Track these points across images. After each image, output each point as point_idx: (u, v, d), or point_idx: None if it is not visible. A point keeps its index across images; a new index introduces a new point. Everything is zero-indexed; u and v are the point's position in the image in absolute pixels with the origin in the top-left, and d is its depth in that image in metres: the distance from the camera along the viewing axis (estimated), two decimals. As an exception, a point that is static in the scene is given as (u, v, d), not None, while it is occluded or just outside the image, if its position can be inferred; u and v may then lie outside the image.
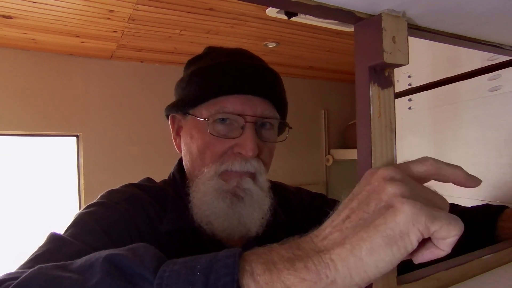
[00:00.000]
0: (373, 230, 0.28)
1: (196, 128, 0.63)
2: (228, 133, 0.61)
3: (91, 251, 0.36)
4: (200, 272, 0.29)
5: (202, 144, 0.61)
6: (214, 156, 0.61)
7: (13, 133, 2.30)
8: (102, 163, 2.43)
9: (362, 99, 0.41)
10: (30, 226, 2.32)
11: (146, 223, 0.58)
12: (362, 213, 0.30)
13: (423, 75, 1.22)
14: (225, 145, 0.60)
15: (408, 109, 1.29)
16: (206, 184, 0.60)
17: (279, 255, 0.31)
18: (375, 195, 0.31)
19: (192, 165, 0.65)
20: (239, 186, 0.60)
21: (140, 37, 2.09)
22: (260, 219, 0.61)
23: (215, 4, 1.69)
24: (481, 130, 1.02)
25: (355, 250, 0.28)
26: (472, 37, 0.52)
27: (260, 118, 0.62)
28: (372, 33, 0.40)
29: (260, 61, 0.68)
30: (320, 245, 0.31)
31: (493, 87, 0.98)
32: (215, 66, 0.62)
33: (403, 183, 0.31)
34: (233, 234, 0.60)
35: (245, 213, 0.60)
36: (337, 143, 3.41)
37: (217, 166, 0.60)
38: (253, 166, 0.61)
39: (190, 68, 0.67)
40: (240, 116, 0.59)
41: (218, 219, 0.59)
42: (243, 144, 0.59)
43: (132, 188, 0.63)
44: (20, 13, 1.71)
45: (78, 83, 2.40)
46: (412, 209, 0.28)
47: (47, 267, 0.33)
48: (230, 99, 0.60)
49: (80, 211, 0.56)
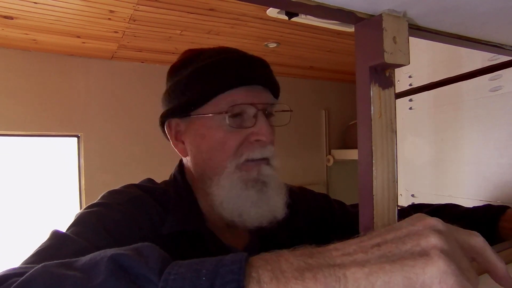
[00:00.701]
0: (398, 267, 0.28)
1: (206, 126, 0.63)
2: (242, 124, 0.62)
3: (94, 249, 0.36)
4: (206, 276, 0.29)
5: (218, 140, 0.62)
6: (232, 149, 0.62)
7: (14, 134, 2.31)
8: (103, 164, 2.43)
9: (363, 99, 0.41)
10: (31, 226, 2.33)
11: (148, 225, 0.57)
12: (395, 248, 0.30)
13: (424, 75, 1.22)
14: (241, 136, 0.62)
15: (409, 109, 1.28)
16: (230, 178, 0.61)
17: (288, 262, 0.30)
18: (415, 237, 0.30)
19: (205, 165, 0.64)
20: (261, 173, 0.62)
21: (141, 37, 2.09)
22: (283, 203, 0.64)
23: (215, 4, 1.69)
24: (482, 130, 1.02)
25: (372, 277, 0.28)
26: (473, 37, 0.52)
27: (267, 106, 0.64)
28: (372, 33, 0.40)
29: (249, 53, 0.69)
30: (338, 259, 0.30)
31: (494, 87, 0.98)
32: (213, 63, 0.63)
33: (448, 241, 0.30)
34: (263, 221, 0.61)
35: (272, 197, 0.62)
36: (338, 143, 3.41)
37: (237, 158, 0.61)
38: (271, 151, 0.63)
39: (182, 72, 0.66)
40: (252, 105, 0.62)
41: (250, 209, 0.60)
42: (261, 131, 0.61)
43: (133, 189, 0.63)
44: (21, 13, 1.71)
45: (79, 83, 2.40)
46: (445, 267, 0.28)
47: (51, 265, 0.33)
48: (239, 91, 0.62)
49: (82, 211, 0.56)
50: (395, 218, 0.41)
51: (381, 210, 0.40)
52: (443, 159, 1.15)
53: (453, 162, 1.11)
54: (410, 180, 1.29)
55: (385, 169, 0.41)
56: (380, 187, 0.40)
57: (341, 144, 3.40)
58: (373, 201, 0.40)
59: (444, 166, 1.14)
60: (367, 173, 0.40)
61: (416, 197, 1.26)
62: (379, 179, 0.40)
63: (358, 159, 0.42)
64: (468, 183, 1.06)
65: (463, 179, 1.07)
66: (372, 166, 0.40)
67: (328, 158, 3.31)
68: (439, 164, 1.17)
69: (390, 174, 0.41)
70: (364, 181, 0.41)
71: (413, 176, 1.28)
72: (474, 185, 1.03)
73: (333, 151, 3.33)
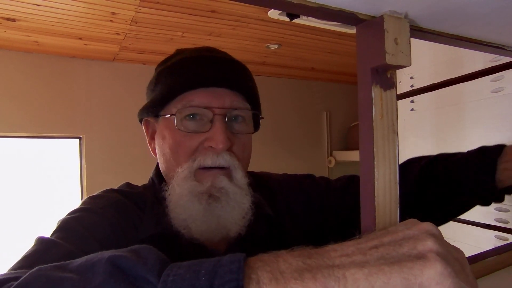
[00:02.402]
0: (397, 268, 0.29)
1: (167, 128, 0.61)
2: (197, 128, 0.59)
3: (81, 253, 0.36)
4: (205, 277, 0.29)
5: (174, 143, 0.59)
6: (186, 153, 0.59)
7: (16, 135, 2.31)
8: (105, 165, 2.43)
9: (364, 101, 0.41)
10: (32, 227, 2.33)
11: (130, 229, 0.57)
12: (392, 250, 0.31)
13: (425, 76, 1.22)
14: (195, 140, 0.58)
15: (410, 110, 1.28)
16: (181, 186, 0.58)
17: (286, 263, 0.30)
18: (412, 241, 0.31)
19: (167, 167, 0.63)
20: (214, 185, 0.57)
21: (143, 39, 2.10)
22: (241, 219, 0.58)
23: (217, 6, 1.70)
24: (483, 131, 1.01)
25: (371, 278, 0.29)
26: (474, 39, 0.52)
27: (230, 110, 0.59)
28: (374, 34, 0.40)
29: (225, 54, 0.66)
30: (337, 260, 0.31)
31: (495, 88, 0.98)
32: (179, 62, 0.61)
33: (442, 245, 0.31)
34: (212, 237, 0.57)
35: (223, 213, 0.57)
36: (339, 145, 3.40)
37: (190, 164, 0.58)
38: (225, 160, 0.58)
39: (157, 69, 0.66)
40: (208, 109, 0.58)
41: (196, 222, 0.56)
42: (213, 137, 0.57)
43: (113, 193, 0.62)
44: (23, 15, 1.72)
45: (81, 85, 2.41)
46: (442, 269, 0.28)
47: (46, 268, 0.33)
48: (196, 93, 0.58)
49: (64, 217, 0.55)
50: (397, 219, 0.41)
51: (383, 211, 0.40)
52: (445, 160, 1.15)
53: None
54: (412, 182, 1.28)
55: (387, 170, 0.41)
56: (381, 188, 0.40)
57: (342, 146, 3.40)
58: (374, 202, 0.40)
59: (446, 168, 1.14)
60: (369, 175, 0.40)
61: (418, 199, 1.25)
62: (381, 181, 0.40)
63: (359, 160, 0.42)
64: (470, 185, 1.05)
65: (465, 181, 1.06)
66: (374, 168, 0.40)
67: (329, 159, 3.31)
68: (441, 166, 1.16)
69: (392, 176, 0.41)
70: (366, 182, 0.41)
71: (414, 178, 1.27)
72: (476, 186, 1.03)
73: (335, 153, 3.32)
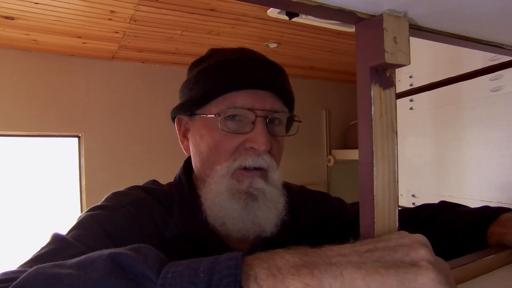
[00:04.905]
0: (393, 271, 0.30)
1: (206, 126, 0.62)
2: (239, 128, 0.60)
3: None
4: (203, 273, 0.30)
5: (213, 142, 0.60)
6: (226, 153, 0.60)
7: (15, 134, 2.31)
8: (104, 164, 2.43)
9: (363, 100, 0.41)
10: (32, 226, 2.33)
11: (151, 228, 0.57)
12: (387, 255, 0.32)
13: (424, 75, 1.22)
14: (236, 141, 0.60)
15: (409, 109, 1.28)
16: (219, 184, 0.59)
17: (283, 259, 0.31)
18: (405, 248, 0.33)
19: (203, 166, 0.63)
20: (252, 185, 0.59)
21: (142, 37, 2.09)
22: (276, 219, 0.60)
23: (216, 4, 1.69)
24: (482, 130, 1.01)
25: (368, 278, 0.30)
26: (473, 38, 0.52)
27: (270, 113, 0.61)
28: (373, 33, 0.40)
29: (265, 57, 0.68)
30: (334, 258, 0.32)
31: (494, 87, 0.98)
32: (222, 63, 0.62)
33: (433, 255, 0.33)
34: (247, 235, 0.59)
35: (260, 213, 0.58)
36: (339, 144, 3.40)
37: (230, 163, 0.59)
38: (266, 161, 0.60)
39: (195, 68, 0.66)
40: (250, 110, 0.59)
41: (232, 220, 0.58)
42: (255, 138, 0.58)
43: (137, 190, 0.63)
44: (22, 14, 1.71)
45: (80, 83, 2.40)
46: (434, 276, 0.30)
47: (44, 267, 0.33)
48: (239, 94, 0.59)
49: (85, 213, 0.56)
50: (396, 218, 0.41)
51: (382, 210, 0.40)
52: (443, 159, 1.15)
53: (454, 162, 1.10)
54: (411, 180, 1.29)
55: (386, 169, 0.41)
56: (381, 187, 0.40)
57: (341, 144, 3.40)
58: (373, 201, 0.40)
59: (445, 166, 1.14)
60: (368, 173, 0.40)
61: (417, 197, 1.26)
62: (380, 179, 0.40)
63: (358, 159, 0.42)
64: (468, 183, 1.06)
65: (464, 179, 1.07)
66: (373, 166, 0.40)
67: (328, 158, 3.31)
68: (439, 164, 1.17)
69: (391, 174, 0.41)
70: (365, 181, 0.41)
71: (414, 176, 1.28)
72: (475, 185, 1.03)
73: (334, 151, 3.32)
